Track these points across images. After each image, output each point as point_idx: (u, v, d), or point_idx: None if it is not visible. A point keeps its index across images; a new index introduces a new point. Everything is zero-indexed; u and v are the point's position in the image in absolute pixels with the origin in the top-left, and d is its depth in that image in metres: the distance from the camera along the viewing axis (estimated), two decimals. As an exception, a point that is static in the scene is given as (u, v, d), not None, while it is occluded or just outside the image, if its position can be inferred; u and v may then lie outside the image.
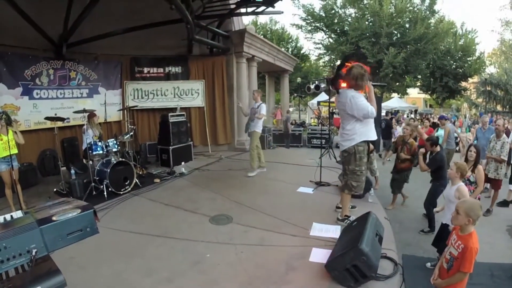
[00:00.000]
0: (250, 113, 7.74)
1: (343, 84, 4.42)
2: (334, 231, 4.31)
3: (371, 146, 7.32)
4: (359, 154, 4.34)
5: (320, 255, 3.65)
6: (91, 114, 6.94)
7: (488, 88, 27.27)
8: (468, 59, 25.27)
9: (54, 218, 1.51)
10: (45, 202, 1.92)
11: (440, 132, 8.78)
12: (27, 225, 1.45)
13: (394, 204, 6.73)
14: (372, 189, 5.86)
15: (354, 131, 4.30)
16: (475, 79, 28.18)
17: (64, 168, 7.48)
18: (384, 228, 3.87)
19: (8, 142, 5.33)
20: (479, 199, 4.61)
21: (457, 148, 9.94)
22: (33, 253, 1.40)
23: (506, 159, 6.22)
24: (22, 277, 1.42)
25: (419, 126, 8.28)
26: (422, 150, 5.56)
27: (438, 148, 5.64)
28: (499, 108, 28.36)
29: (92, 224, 1.62)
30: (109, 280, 3.29)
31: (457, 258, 2.75)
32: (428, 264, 4.53)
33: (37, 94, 8.07)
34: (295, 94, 25.39)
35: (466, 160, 4.95)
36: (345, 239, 3.48)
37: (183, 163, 8.36)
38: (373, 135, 4.44)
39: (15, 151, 5.56)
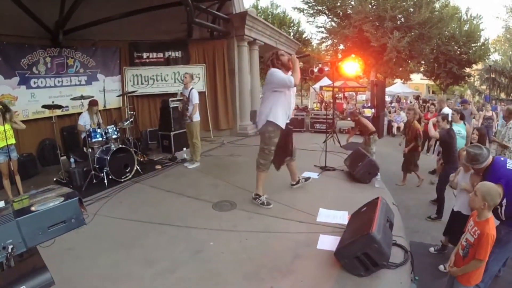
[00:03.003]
0: (182, 102, 7.10)
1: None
2: (341, 217, 4.17)
3: (372, 128, 7.52)
4: (268, 134, 4.53)
5: (327, 242, 3.52)
6: (93, 102, 6.81)
7: (492, 75, 26.90)
8: (472, 45, 24.83)
9: (32, 209, 1.33)
10: (29, 190, 1.75)
11: (458, 128, 6.51)
12: (1, 218, 1.28)
13: (404, 181, 7.38)
14: (378, 174, 5.72)
15: (268, 111, 4.47)
16: (479, 65, 27.81)
17: (64, 157, 7.36)
18: (394, 214, 3.73)
19: (5, 133, 5.19)
20: None
21: None
22: (9, 250, 1.22)
23: (509, 145, 6.08)
24: (6, 276, 1.27)
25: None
26: (434, 119, 5.64)
27: (447, 126, 5.84)
28: (503, 95, 28.06)
29: (78, 214, 1.41)
30: (108, 271, 3.17)
31: (473, 245, 2.65)
32: (432, 249, 4.46)
33: (34, 83, 7.93)
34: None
35: (471, 144, 4.86)
36: (355, 226, 3.33)
37: (184, 148, 8.23)
38: (282, 123, 4.55)
39: (12, 141, 5.41)
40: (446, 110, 8.74)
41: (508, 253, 3.18)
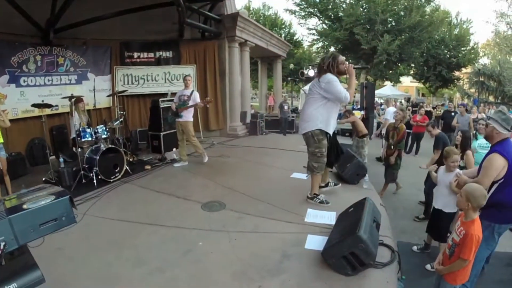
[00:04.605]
0: (178, 102, 7.20)
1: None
2: (329, 217, 4.22)
3: (365, 131, 7.33)
4: (317, 137, 4.46)
5: (315, 242, 3.56)
6: (78, 100, 6.72)
7: (481, 79, 27.24)
8: (462, 49, 25.36)
9: (24, 207, 1.34)
10: (20, 189, 1.76)
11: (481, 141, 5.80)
12: (-6, 215, 1.28)
13: (383, 191, 6.77)
14: (366, 175, 5.79)
15: (317, 116, 4.41)
16: (469, 69, 28.20)
17: (53, 156, 7.28)
18: (381, 214, 3.79)
19: None
20: None
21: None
22: (1, 247, 1.23)
23: None
24: (-3, 273, 1.28)
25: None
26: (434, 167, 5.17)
27: (438, 131, 5.86)
28: (491, 99, 28.40)
29: (68, 212, 1.43)
30: (98, 272, 3.16)
31: (458, 245, 2.70)
32: (415, 248, 4.54)
33: (24, 81, 7.85)
34: (289, 78, 25.22)
35: (456, 146, 4.97)
36: (342, 226, 3.38)
37: (174, 149, 8.21)
38: (331, 131, 4.56)
39: (0, 140, 5.38)
40: (391, 109, 9.11)
41: (487, 249, 3.22)
